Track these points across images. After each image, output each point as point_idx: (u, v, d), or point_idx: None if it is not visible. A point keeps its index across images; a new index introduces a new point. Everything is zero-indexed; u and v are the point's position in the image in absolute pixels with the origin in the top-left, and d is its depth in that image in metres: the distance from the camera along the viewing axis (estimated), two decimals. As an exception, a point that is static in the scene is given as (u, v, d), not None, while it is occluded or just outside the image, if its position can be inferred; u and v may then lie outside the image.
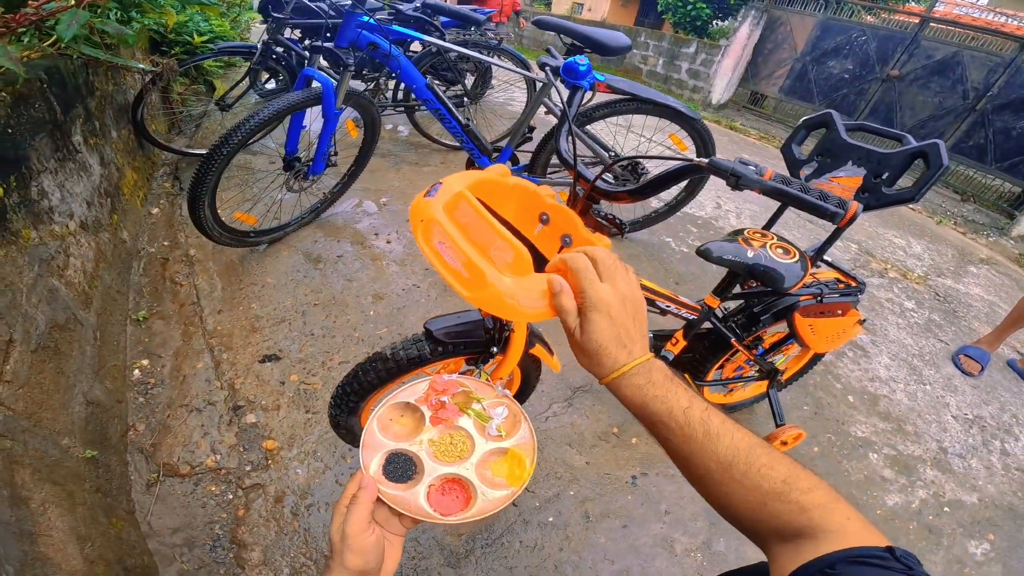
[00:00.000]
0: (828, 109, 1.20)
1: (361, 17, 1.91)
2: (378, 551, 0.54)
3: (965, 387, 2.18)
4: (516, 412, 0.69)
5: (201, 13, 3.05)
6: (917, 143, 1.03)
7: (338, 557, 0.52)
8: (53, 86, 1.42)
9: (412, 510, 0.56)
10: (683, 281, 2.41)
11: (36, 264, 1.19)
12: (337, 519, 0.54)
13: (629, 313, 0.52)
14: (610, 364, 0.51)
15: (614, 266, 0.53)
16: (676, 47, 8.37)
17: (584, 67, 1.63)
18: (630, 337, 0.52)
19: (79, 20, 1.37)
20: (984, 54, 5.16)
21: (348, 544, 0.52)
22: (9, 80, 1.20)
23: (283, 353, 1.63)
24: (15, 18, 1.28)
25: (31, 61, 1.40)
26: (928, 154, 0.98)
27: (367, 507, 0.54)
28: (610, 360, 0.51)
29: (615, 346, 0.51)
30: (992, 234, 4.37)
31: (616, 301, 0.51)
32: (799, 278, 1.00)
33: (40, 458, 1.00)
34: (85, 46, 1.52)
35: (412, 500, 0.57)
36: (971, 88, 5.25)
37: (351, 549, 0.52)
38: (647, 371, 0.51)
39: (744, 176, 0.65)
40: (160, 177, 2.53)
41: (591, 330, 0.51)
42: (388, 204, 2.63)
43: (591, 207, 0.84)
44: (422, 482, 0.59)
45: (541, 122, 2.69)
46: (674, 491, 1.45)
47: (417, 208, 0.59)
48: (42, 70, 1.37)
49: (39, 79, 1.34)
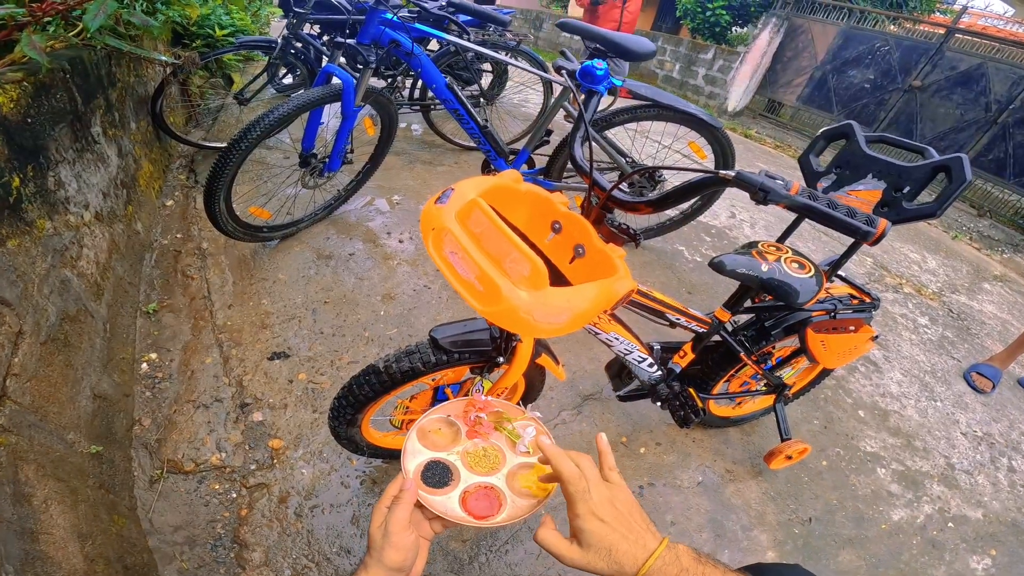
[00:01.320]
0: (847, 119, 1.17)
1: (385, 14, 1.90)
2: (415, 550, 0.58)
3: (976, 404, 2.15)
4: (543, 434, 0.76)
5: (224, 6, 3.08)
6: (939, 156, 1.00)
7: (377, 554, 0.55)
8: (76, 76, 1.43)
9: (448, 513, 0.62)
10: (696, 291, 2.38)
11: (50, 255, 1.19)
12: (378, 518, 0.58)
13: (625, 511, 0.56)
14: (631, 562, 0.51)
15: (597, 472, 0.59)
16: (694, 53, 8.32)
17: (601, 71, 1.61)
18: (636, 531, 0.54)
19: (107, 10, 1.36)
20: (1009, 66, 5.08)
21: (390, 541, 0.55)
22: (32, 70, 1.20)
23: (292, 351, 1.63)
24: (42, 7, 1.28)
25: (55, 51, 1.41)
26: (951, 168, 0.95)
27: (408, 507, 0.58)
28: (630, 558, 0.51)
29: (627, 543, 0.52)
30: (1007, 251, 4.28)
31: (608, 504, 0.55)
32: (814, 293, 0.98)
33: (45, 453, 1.00)
34: (109, 37, 1.52)
35: (448, 504, 0.63)
36: (993, 100, 5.17)
37: (393, 546, 0.55)
38: (675, 559, 0.51)
39: (773, 191, 0.62)
40: (176, 169, 2.55)
41: (598, 536, 0.53)
42: (401, 203, 2.62)
43: (605, 216, 0.82)
44: (457, 489, 0.65)
45: (559, 125, 2.67)
46: (680, 502, 1.43)
47: (428, 215, 0.58)
48: (66, 60, 1.37)
49: (62, 69, 1.34)
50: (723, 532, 1.39)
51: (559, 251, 0.76)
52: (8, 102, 1.07)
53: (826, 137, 1.15)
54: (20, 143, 1.11)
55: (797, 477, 1.59)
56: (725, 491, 1.49)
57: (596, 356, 1.78)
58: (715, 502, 1.46)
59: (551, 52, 11.82)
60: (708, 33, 9.44)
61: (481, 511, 0.63)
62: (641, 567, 0.51)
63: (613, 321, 1.05)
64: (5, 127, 1.04)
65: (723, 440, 1.64)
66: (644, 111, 2.04)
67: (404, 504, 0.58)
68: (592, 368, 1.75)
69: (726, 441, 1.64)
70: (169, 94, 2.44)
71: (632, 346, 1.12)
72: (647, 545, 0.52)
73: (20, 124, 1.11)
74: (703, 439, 1.63)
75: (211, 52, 2.69)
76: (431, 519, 0.63)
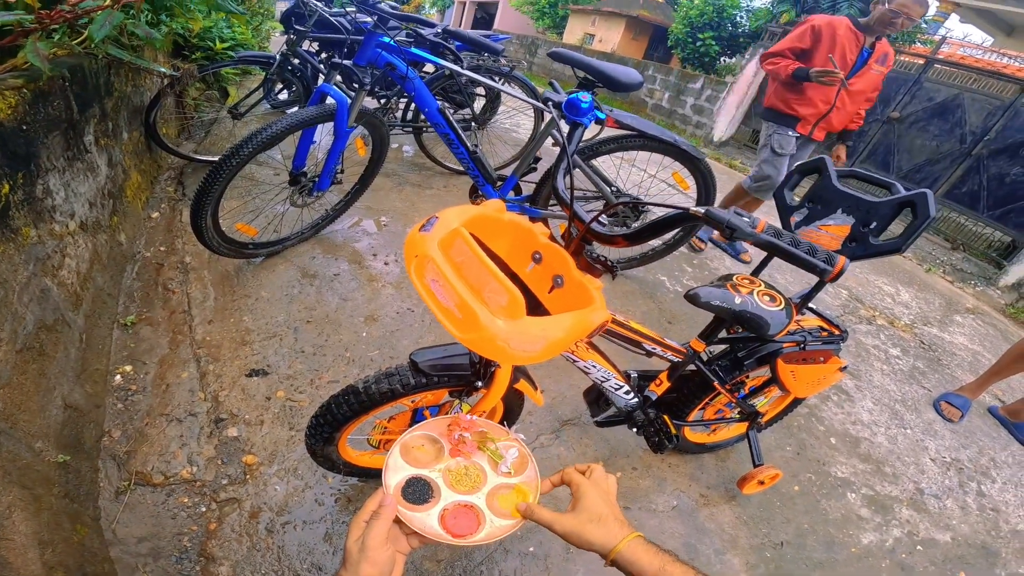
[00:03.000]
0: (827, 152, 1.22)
1: (382, 37, 1.96)
2: (391, 565, 0.58)
3: (945, 432, 2.21)
4: (525, 454, 0.78)
5: (226, 20, 3.11)
6: (906, 192, 1.04)
7: (353, 568, 0.55)
8: (74, 85, 1.43)
9: (426, 530, 0.62)
10: (676, 321, 2.43)
11: (32, 263, 1.19)
12: (355, 531, 0.58)
13: (612, 503, 0.67)
14: (618, 532, 0.62)
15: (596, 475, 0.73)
16: (683, 82, 8.51)
17: (586, 104, 1.67)
18: (621, 518, 0.65)
19: (113, 21, 1.36)
20: (984, 96, 5.13)
21: (367, 556, 0.55)
22: (33, 76, 1.21)
23: (271, 368, 1.62)
24: (50, 14, 1.27)
25: (56, 58, 1.40)
26: (916, 204, 0.99)
27: (387, 523, 0.59)
28: (617, 528, 0.62)
29: (613, 520, 0.64)
30: (979, 283, 4.42)
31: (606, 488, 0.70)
32: (783, 325, 1.02)
33: (12, 460, 0.99)
34: (112, 47, 1.52)
35: (427, 521, 0.63)
36: (969, 132, 5.22)
37: (369, 560, 0.55)
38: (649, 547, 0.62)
39: (739, 228, 0.66)
40: (164, 181, 2.55)
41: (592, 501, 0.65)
42: (388, 225, 2.64)
43: (584, 247, 0.85)
44: (437, 506, 0.66)
45: (547, 153, 2.73)
46: (655, 525, 1.45)
47: (412, 242, 0.61)
48: (66, 68, 1.37)
49: (62, 77, 1.34)
50: (697, 555, 1.40)
51: (539, 281, 0.78)
52: (6, 108, 1.07)
53: (800, 172, 1.21)
54: (13, 150, 1.11)
55: (770, 502, 1.62)
56: (699, 515, 1.51)
57: (575, 383, 1.80)
58: (689, 526, 1.47)
59: (545, 78, 12.09)
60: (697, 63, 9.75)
61: (460, 529, 0.64)
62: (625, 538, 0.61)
63: (591, 349, 1.08)
64: (0, 134, 1.05)
65: (698, 466, 1.66)
66: (630, 141, 2.11)
67: (383, 519, 0.58)
68: (571, 394, 1.77)
69: (701, 467, 1.66)
70: (164, 105, 2.45)
71: (609, 374, 1.14)
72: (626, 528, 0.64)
73: (15, 131, 1.11)
74: (678, 464, 1.65)
75: (210, 65, 2.71)
76: (408, 534, 0.63)
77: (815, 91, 2.63)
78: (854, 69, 2.59)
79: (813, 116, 2.72)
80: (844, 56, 2.53)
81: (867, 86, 2.67)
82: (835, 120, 2.74)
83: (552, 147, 2.23)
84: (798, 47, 2.62)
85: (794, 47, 2.63)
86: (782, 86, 2.75)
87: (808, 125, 2.74)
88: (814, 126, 2.75)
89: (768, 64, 2.74)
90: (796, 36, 2.64)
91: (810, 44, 2.58)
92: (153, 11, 1.99)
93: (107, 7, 1.37)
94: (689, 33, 9.64)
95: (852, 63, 2.57)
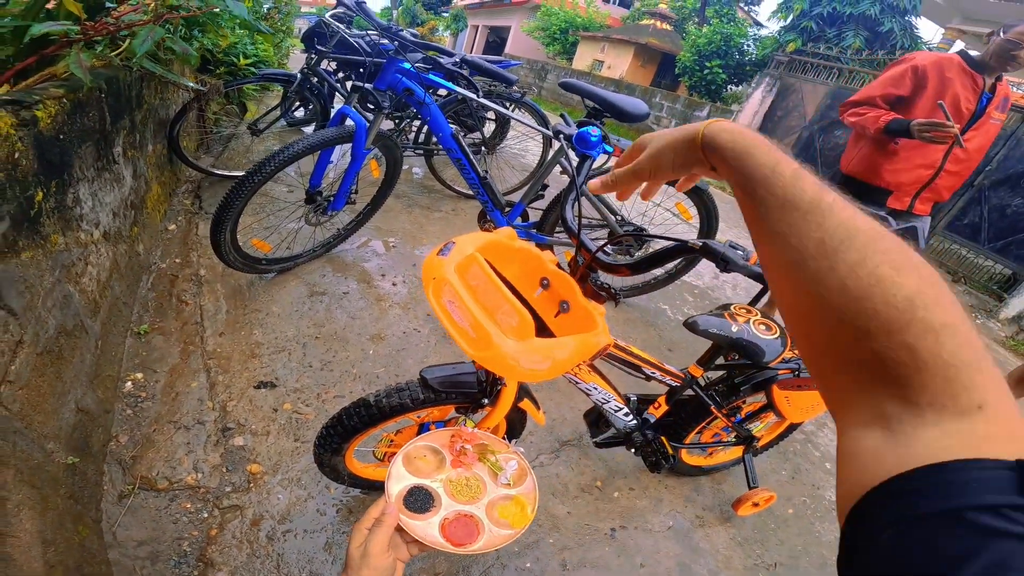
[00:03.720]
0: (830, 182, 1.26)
1: (403, 63, 2.03)
2: (391, 572, 0.60)
3: None
4: (524, 467, 0.79)
5: (250, 36, 3.20)
6: (896, 225, 1.09)
7: (355, 573, 0.57)
8: (109, 96, 1.47)
9: (427, 538, 0.64)
10: (676, 348, 2.46)
11: (57, 269, 1.23)
12: (357, 538, 0.60)
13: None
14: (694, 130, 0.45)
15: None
16: (689, 110, 8.60)
17: (595, 138, 1.74)
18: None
19: (154, 36, 1.41)
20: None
21: (368, 562, 0.57)
22: (73, 87, 1.25)
23: (279, 381, 1.65)
24: (95, 26, 1.32)
25: (94, 70, 1.44)
26: (906, 237, 1.04)
27: (389, 531, 0.61)
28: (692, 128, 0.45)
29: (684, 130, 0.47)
30: (980, 316, 4.41)
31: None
32: (778, 353, 1.06)
33: (25, 460, 1.01)
34: (146, 60, 1.56)
35: (427, 530, 0.65)
36: None
37: (370, 566, 0.57)
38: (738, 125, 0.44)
39: (732, 261, 0.70)
40: (182, 194, 2.62)
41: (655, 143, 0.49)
42: (396, 246, 2.70)
43: (589, 275, 0.90)
44: (438, 515, 0.68)
45: (553, 180, 2.79)
46: (651, 545, 1.46)
47: (430, 266, 0.65)
48: (103, 79, 1.42)
49: (99, 88, 1.38)
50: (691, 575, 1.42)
51: (546, 305, 0.83)
52: (46, 118, 1.12)
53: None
54: (49, 159, 1.16)
55: (764, 524, 1.63)
56: (694, 536, 1.52)
57: (575, 405, 1.83)
58: (684, 546, 1.48)
59: (554, 103, 12.32)
60: (704, 91, 9.91)
61: (459, 538, 0.65)
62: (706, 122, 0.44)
63: (593, 372, 1.12)
64: (39, 142, 1.10)
65: (694, 488, 1.68)
66: None
67: (385, 527, 0.60)
68: (571, 416, 1.79)
69: (697, 488, 1.68)
70: (187, 119, 2.53)
71: (610, 396, 1.18)
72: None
73: (52, 140, 1.16)
74: (675, 486, 1.66)
75: (235, 80, 2.79)
76: (409, 542, 0.65)
77: (915, 151, 2.03)
78: (972, 120, 2.00)
79: (912, 185, 2.08)
80: (958, 103, 1.96)
81: (985, 141, 2.05)
82: (943, 187, 2.11)
83: (559, 174, 2.29)
84: (893, 93, 2.04)
85: (887, 93, 2.05)
86: (869, 146, 2.13)
87: (905, 197, 2.11)
88: (914, 198, 2.11)
89: (850, 115, 2.13)
90: (891, 79, 2.06)
91: (911, 89, 2.02)
92: (187, 26, 2.07)
93: (149, 22, 1.43)
94: (697, 61, 9.85)
95: (970, 112, 1.99)
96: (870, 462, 0.27)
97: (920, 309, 0.28)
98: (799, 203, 0.35)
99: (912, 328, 0.28)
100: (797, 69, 7.13)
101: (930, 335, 0.27)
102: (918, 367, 0.27)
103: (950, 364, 0.27)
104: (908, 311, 0.28)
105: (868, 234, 0.32)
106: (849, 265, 0.31)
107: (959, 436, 0.25)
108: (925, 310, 0.28)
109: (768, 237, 0.37)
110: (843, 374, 0.31)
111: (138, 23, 1.42)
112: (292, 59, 5.64)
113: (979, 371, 0.27)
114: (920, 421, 0.27)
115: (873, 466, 0.27)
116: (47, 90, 1.20)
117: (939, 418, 0.26)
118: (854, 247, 0.32)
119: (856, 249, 0.31)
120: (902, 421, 0.27)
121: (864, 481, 0.26)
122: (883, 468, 0.26)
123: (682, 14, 14.90)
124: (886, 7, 9.16)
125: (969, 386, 0.26)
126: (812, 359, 0.35)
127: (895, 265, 0.30)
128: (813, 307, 0.32)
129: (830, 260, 0.32)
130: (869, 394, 0.29)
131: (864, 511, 0.26)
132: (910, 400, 0.27)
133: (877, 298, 0.29)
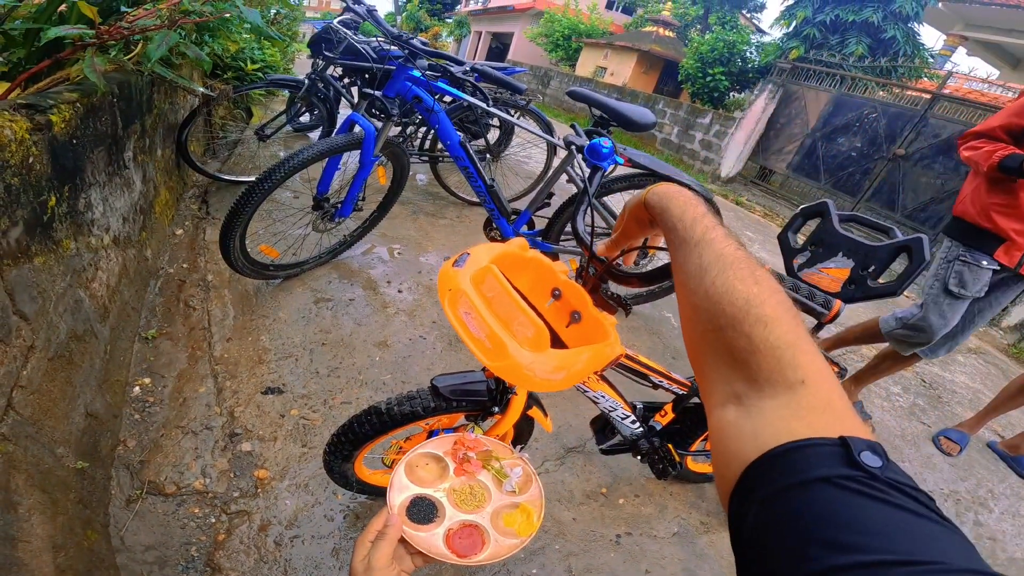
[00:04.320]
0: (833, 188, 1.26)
1: (412, 71, 2.04)
2: None
3: (944, 465, 2.23)
4: (529, 473, 0.78)
5: (257, 41, 3.23)
6: (903, 237, 1.09)
7: None
8: (121, 100, 1.47)
9: (431, 550, 0.63)
10: (680, 357, 2.46)
11: (69, 274, 1.24)
12: (361, 551, 0.59)
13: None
14: (642, 195, 0.58)
15: None
16: (692, 117, 8.55)
17: (607, 149, 1.74)
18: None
19: (169, 41, 1.41)
20: None
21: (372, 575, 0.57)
22: (87, 91, 1.25)
23: (287, 387, 1.66)
24: (110, 30, 1.31)
25: (107, 74, 1.45)
26: (912, 249, 1.03)
27: (392, 543, 0.60)
28: (641, 194, 0.58)
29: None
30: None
31: None
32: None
33: (36, 464, 1.02)
34: (159, 65, 1.56)
35: (432, 541, 0.64)
36: None
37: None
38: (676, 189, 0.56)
39: None
40: (189, 198, 2.63)
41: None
42: (402, 253, 2.71)
43: (601, 286, 0.90)
44: (442, 525, 0.66)
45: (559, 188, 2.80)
46: (656, 551, 1.46)
47: (445, 277, 0.66)
48: (116, 83, 1.42)
49: (111, 93, 1.39)
50: (697, 584, 1.42)
51: (558, 316, 0.83)
52: (60, 122, 1.13)
53: (804, 215, 1.26)
54: (63, 163, 1.16)
55: (768, 532, 1.62)
56: (699, 542, 1.52)
57: (580, 413, 1.83)
58: (689, 552, 1.48)
59: (557, 109, 12.35)
60: (707, 98, 9.92)
61: (464, 549, 0.64)
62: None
63: (601, 381, 1.12)
64: (53, 147, 1.10)
65: (699, 494, 1.68)
66: (642, 179, 2.18)
67: (388, 540, 0.59)
68: (577, 423, 1.79)
69: (702, 495, 1.68)
70: (195, 124, 2.55)
71: (617, 404, 1.18)
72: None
73: (65, 144, 1.17)
74: (680, 493, 1.66)
75: (243, 85, 2.80)
76: (413, 553, 0.64)
77: None
78: None
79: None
80: None
81: None
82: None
83: (565, 182, 2.30)
84: (1018, 124, 1.65)
85: (1011, 124, 1.66)
86: (983, 184, 1.74)
87: (1016, 252, 1.72)
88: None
89: (965, 149, 1.77)
90: (1018, 108, 1.67)
91: None
92: (198, 32, 2.09)
93: (164, 27, 1.43)
94: (699, 68, 9.88)
95: None
96: (733, 437, 0.35)
97: (755, 307, 0.38)
98: (691, 240, 0.46)
99: (748, 320, 0.37)
100: (800, 76, 7.12)
101: (760, 325, 0.36)
102: (753, 350, 0.36)
103: (776, 347, 0.35)
104: (744, 308, 0.38)
105: (728, 258, 0.43)
106: (712, 279, 0.41)
107: (790, 408, 0.33)
108: (759, 307, 0.37)
109: (676, 266, 0.48)
110: (709, 363, 0.40)
111: (152, 28, 1.42)
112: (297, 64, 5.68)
113: (801, 351, 0.35)
114: (760, 395, 0.35)
115: (736, 442, 0.34)
116: (61, 94, 1.20)
117: (775, 391, 0.34)
118: (716, 267, 0.42)
119: (718, 269, 0.42)
120: (748, 396, 0.35)
121: (733, 462, 0.33)
122: (743, 443, 0.33)
123: (685, 21, 14.97)
124: (889, 14, 9.20)
125: (793, 364, 0.35)
126: (693, 356, 0.44)
127: (740, 277, 0.40)
128: (693, 312, 0.43)
129: (702, 278, 0.42)
130: (725, 378, 0.38)
131: (740, 494, 0.32)
132: (751, 378, 0.36)
133: (725, 300, 0.39)
